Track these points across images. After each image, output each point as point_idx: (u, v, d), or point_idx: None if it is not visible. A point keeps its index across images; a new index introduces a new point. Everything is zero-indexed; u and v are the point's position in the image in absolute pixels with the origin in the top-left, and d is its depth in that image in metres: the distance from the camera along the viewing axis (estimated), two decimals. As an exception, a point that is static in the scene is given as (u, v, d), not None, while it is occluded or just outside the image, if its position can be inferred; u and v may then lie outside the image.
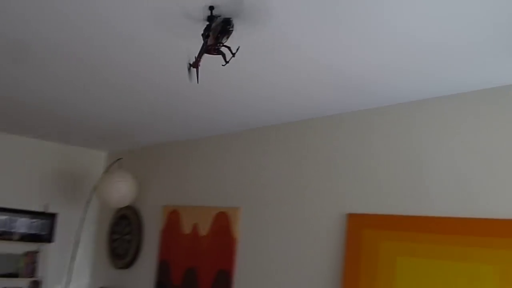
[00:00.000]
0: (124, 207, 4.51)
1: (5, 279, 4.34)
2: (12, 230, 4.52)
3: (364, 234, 2.52)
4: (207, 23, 1.74)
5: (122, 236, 4.49)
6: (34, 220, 4.69)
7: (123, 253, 4.42)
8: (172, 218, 3.92)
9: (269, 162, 3.20)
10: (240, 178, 3.40)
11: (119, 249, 4.49)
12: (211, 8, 1.70)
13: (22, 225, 4.62)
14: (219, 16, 1.73)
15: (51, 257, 4.70)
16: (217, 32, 1.72)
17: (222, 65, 1.85)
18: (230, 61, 1.81)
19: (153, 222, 4.18)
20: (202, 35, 1.75)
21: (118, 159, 4.38)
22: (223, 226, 3.42)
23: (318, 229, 2.78)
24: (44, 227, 4.71)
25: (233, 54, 1.78)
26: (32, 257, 4.52)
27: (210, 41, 1.74)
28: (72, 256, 4.72)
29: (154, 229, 4.13)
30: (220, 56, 1.79)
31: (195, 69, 1.89)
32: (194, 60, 1.86)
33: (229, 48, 1.77)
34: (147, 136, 4.07)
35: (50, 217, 4.75)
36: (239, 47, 1.85)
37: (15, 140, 4.61)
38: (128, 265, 4.31)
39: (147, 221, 4.29)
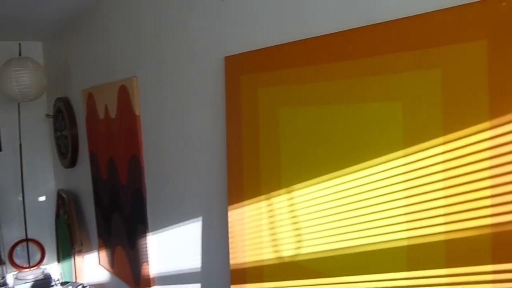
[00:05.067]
0: (58, 99, 3.89)
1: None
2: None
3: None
4: None
5: (61, 133, 3.93)
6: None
7: (65, 151, 3.89)
8: (90, 103, 3.25)
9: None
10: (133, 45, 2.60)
11: (62, 147, 3.97)
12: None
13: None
14: None
15: (2, 166, 4.31)
16: None
17: None
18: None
19: (81, 111, 3.55)
20: None
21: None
22: (126, 102, 2.71)
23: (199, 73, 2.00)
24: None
25: None
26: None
27: None
28: (28, 161, 4.30)
29: (83, 119, 3.51)
30: None
31: None
32: None
33: None
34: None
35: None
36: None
37: None
38: (72, 163, 3.80)
39: (77, 112, 3.67)
